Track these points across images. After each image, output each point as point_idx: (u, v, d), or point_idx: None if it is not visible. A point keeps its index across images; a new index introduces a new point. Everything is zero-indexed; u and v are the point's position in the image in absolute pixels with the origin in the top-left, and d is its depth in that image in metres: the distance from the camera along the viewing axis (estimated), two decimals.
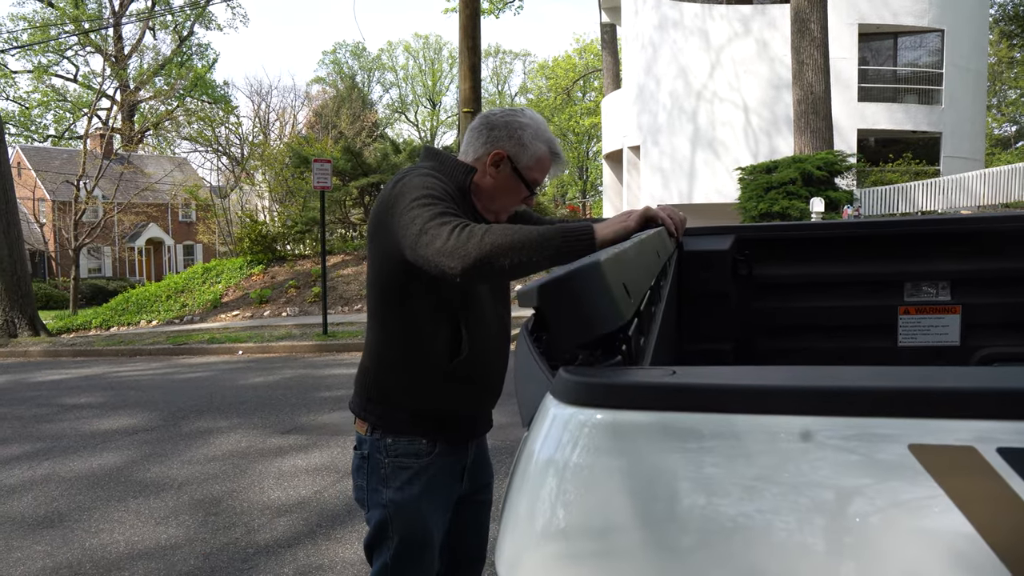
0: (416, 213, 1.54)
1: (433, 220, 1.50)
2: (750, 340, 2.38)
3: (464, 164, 1.82)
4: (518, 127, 1.81)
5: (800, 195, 13.59)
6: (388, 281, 1.73)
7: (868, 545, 0.53)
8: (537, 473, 0.60)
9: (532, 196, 1.90)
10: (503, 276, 1.51)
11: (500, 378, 1.91)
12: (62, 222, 29.19)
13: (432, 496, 1.81)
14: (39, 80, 38.61)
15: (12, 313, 13.45)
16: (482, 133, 1.83)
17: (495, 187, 1.81)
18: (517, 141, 1.80)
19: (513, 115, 1.84)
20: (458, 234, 1.44)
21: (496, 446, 5.01)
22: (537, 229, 1.47)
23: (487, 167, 1.81)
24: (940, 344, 2.38)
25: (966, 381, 0.58)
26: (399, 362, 1.76)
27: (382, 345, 1.78)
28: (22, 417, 6.85)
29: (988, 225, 2.32)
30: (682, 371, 0.61)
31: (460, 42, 11.58)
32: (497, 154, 1.80)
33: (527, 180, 1.81)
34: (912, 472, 0.53)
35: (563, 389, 0.62)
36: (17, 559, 3.58)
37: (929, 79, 21.04)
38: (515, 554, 0.60)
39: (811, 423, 0.56)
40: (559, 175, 1.93)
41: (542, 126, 1.84)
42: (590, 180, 49.83)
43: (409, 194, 1.60)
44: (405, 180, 1.68)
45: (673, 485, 0.56)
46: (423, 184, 1.64)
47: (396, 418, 1.79)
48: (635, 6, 22.21)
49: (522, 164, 1.80)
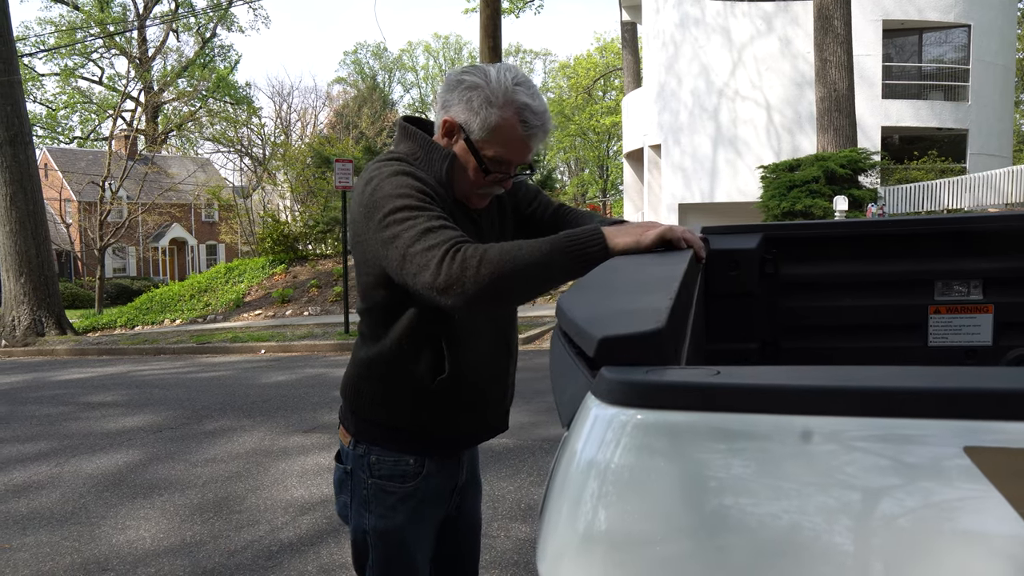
0: (393, 232, 1.32)
1: (416, 244, 1.29)
2: (776, 340, 2.35)
3: (440, 148, 1.53)
4: (468, 88, 1.48)
5: (823, 193, 13.45)
6: (370, 292, 1.54)
7: (925, 549, 0.51)
8: (579, 475, 0.60)
9: (502, 178, 1.54)
10: (508, 306, 1.36)
11: (499, 397, 1.69)
12: (88, 222, 29.60)
13: (419, 524, 1.62)
14: (65, 83, 39.18)
15: (39, 312, 13.65)
16: (442, 96, 1.53)
17: (460, 162, 1.52)
18: (466, 106, 1.48)
19: (467, 73, 1.50)
20: (449, 264, 1.24)
21: (519, 445, 5.01)
22: (540, 244, 1.27)
23: (443, 135, 1.53)
24: (972, 344, 2.34)
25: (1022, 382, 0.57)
26: (382, 376, 1.58)
27: (366, 355, 1.60)
28: (49, 415, 6.94)
29: (1021, 223, 2.28)
30: (727, 371, 0.60)
31: (481, 42, 11.59)
32: (447, 122, 1.50)
33: (482, 155, 1.49)
34: (968, 475, 0.52)
35: (605, 389, 0.61)
36: (46, 554, 3.63)
37: (955, 75, 20.75)
38: (557, 556, 0.59)
39: (864, 424, 0.55)
40: (539, 146, 1.54)
41: (502, 85, 1.46)
42: (611, 179, 49.70)
43: (382, 205, 1.37)
44: (375, 183, 1.42)
45: (720, 486, 0.55)
46: (396, 188, 1.39)
47: (380, 433, 1.60)
48: (656, 4, 22.11)
49: (475, 135, 1.48)
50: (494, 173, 1.51)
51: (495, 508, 3.91)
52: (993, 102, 20.72)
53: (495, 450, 4.89)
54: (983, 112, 20.49)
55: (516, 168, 1.55)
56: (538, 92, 1.50)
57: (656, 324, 0.67)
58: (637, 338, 0.65)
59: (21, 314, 13.54)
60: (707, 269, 2.21)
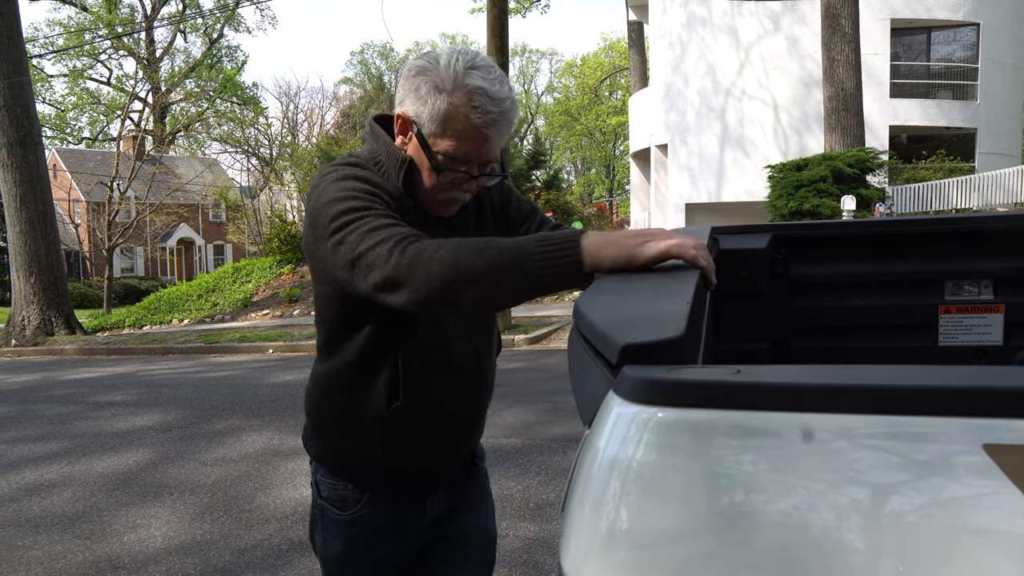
0: (339, 238, 1.18)
1: (362, 244, 1.15)
2: (786, 340, 2.35)
3: (397, 153, 1.33)
4: (417, 74, 1.28)
5: (831, 193, 13.44)
6: (326, 304, 1.40)
7: (946, 546, 0.52)
8: (601, 473, 0.60)
9: (460, 179, 1.31)
10: (464, 309, 1.21)
11: (464, 433, 1.50)
12: (96, 223, 29.77)
13: (366, 554, 1.46)
14: (74, 83, 39.41)
15: (49, 312, 13.72)
16: (397, 89, 1.34)
17: (416, 163, 1.33)
18: (415, 96, 1.28)
19: (417, 60, 1.31)
20: (399, 258, 1.10)
21: (527, 445, 5.02)
22: (507, 245, 1.09)
23: (398, 134, 1.34)
24: (982, 344, 2.34)
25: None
26: (333, 394, 1.43)
27: (321, 371, 1.45)
28: (60, 414, 6.99)
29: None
30: (747, 369, 0.61)
31: (488, 42, 11.58)
32: (399, 118, 1.32)
33: (434, 151, 1.29)
34: (988, 472, 0.52)
35: (628, 387, 0.62)
36: (59, 552, 3.65)
37: (964, 74, 20.67)
38: (580, 556, 0.60)
39: (884, 422, 0.55)
40: (502, 139, 1.30)
41: (452, 69, 1.26)
42: (617, 179, 49.68)
43: (326, 211, 1.22)
44: (320, 188, 1.27)
45: (741, 484, 0.56)
46: (340, 191, 1.23)
47: (326, 455, 1.47)
48: (663, 4, 22.09)
49: (426, 129, 1.28)
50: (446, 172, 1.30)
51: (503, 507, 3.92)
52: (1002, 101, 20.63)
53: (503, 450, 4.90)
54: (992, 111, 20.41)
55: (478, 168, 1.32)
56: (502, 78, 1.28)
57: (676, 331, 0.68)
58: (658, 345, 0.66)
59: (31, 314, 13.62)
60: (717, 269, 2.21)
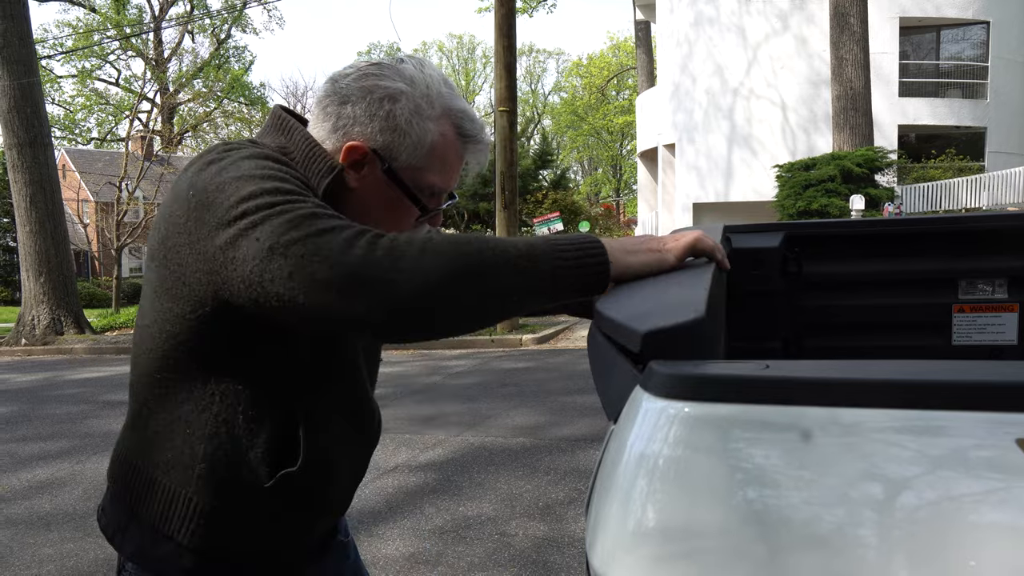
0: (251, 221, 0.86)
1: (294, 230, 0.84)
2: (800, 338, 2.35)
3: (326, 156, 1.03)
4: (386, 97, 1.02)
5: (839, 192, 13.40)
6: (180, 332, 0.98)
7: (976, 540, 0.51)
8: (629, 469, 0.60)
9: (432, 214, 1.10)
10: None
11: (346, 497, 1.18)
12: (105, 223, 29.87)
13: None
14: (83, 84, 39.57)
15: (58, 312, 13.78)
16: (327, 109, 1.05)
17: (363, 199, 1.05)
18: (385, 123, 1.02)
19: (373, 75, 1.03)
20: (367, 248, 0.82)
21: (535, 445, 5.01)
22: (516, 244, 0.88)
23: (346, 168, 1.04)
24: (997, 343, 2.33)
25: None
26: (187, 468, 1.01)
27: (158, 435, 1.03)
28: (69, 413, 7.02)
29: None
30: (776, 364, 0.61)
31: (495, 41, 11.59)
32: (354, 148, 1.03)
33: (415, 189, 1.05)
34: (1020, 467, 0.52)
35: (655, 382, 0.62)
36: (70, 550, 3.67)
37: (973, 72, 20.58)
38: (608, 552, 0.60)
39: (914, 417, 0.55)
40: (481, 165, 1.11)
41: (434, 85, 1.04)
42: (624, 179, 49.63)
43: (232, 189, 0.90)
44: (218, 165, 0.95)
45: (770, 479, 0.56)
46: (257, 169, 0.93)
47: (171, 559, 1.03)
48: (670, 3, 22.07)
49: (401, 162, 1.04)
50: (428, 209, 1.08)
51: (512, 507, 3.92)
52: (1012, 99, 20.53)
53: (512, 449, 4.90)
54: (1002, 110, 20.31)
55: (444, 197, 1.12)
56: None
57: (696, 314, 0.68)
58: (680, 329, 0.66)
59: (40, 313, 13.69)
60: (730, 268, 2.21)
